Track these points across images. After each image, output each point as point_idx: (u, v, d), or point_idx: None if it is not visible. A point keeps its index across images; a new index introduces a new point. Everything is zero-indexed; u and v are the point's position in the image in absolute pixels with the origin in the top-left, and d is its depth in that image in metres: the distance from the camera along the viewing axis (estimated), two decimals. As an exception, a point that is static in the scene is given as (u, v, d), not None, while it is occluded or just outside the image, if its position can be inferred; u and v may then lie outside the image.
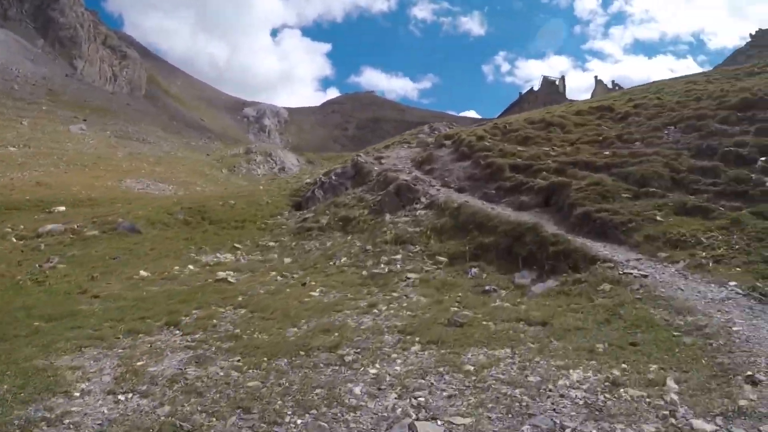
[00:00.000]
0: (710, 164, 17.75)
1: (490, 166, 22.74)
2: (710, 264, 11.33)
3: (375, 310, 11.25)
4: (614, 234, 14.54)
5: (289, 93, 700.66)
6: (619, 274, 11.21)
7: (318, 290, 13.68)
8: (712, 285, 10.06)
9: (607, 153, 20.91)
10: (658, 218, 14.64)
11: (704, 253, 11.97)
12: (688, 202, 15.35)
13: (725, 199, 15.81)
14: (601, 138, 23.26)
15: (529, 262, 13.89)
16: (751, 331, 7.67)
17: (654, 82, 39.62)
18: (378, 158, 31.17)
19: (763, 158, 17.38)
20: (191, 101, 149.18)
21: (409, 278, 13.90)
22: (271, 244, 21.99)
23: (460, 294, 12.09)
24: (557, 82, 43.86)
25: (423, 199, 21.26)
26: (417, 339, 9.02)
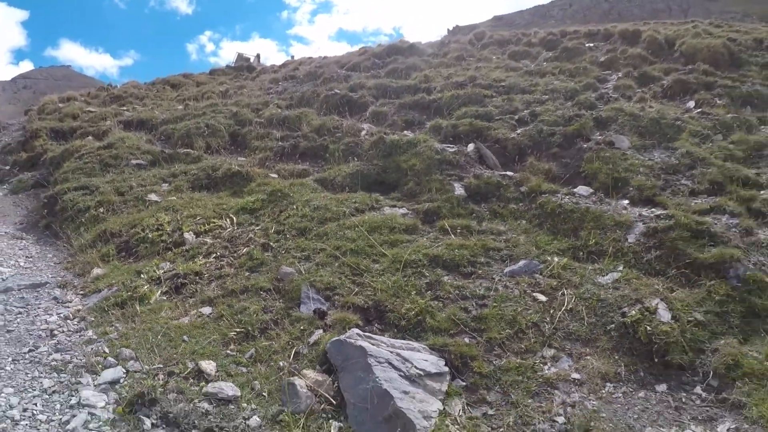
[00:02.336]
0: (296, 113, 11.42)
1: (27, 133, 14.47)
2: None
3: None
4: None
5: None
6: None
7: None
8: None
9: (179, 107, 13.89)
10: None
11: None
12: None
13: (285, 158, 9.50)
14: (203, 94, 16.37)
15: None
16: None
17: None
18: None
19: (378, 102, 11.56)
20: None
21: None
22: None
23: None
24: (252, 60, 38.84)
25: None
26: None
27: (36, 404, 4.11)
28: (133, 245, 7.50)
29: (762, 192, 7.69)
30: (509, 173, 7.84)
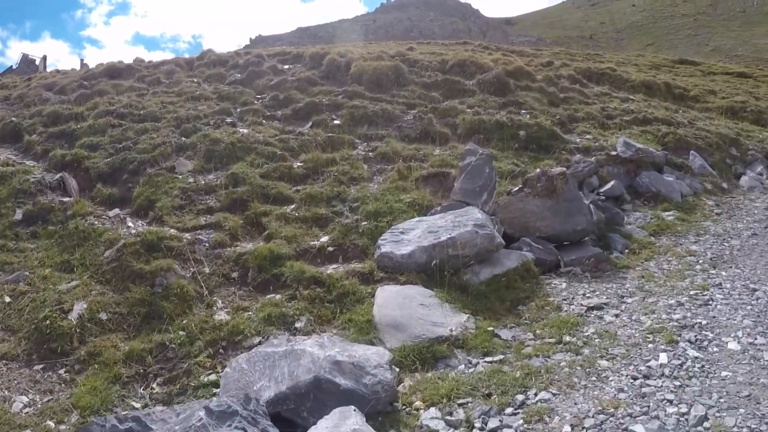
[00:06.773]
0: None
1: None
2: None
3: None
4: None
5: None
6: None
7: None
8: None
9: None
10: None
11: None
12: None
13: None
14: None
15: None
16: None
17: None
18: None
19: (38, 131, 12.95)
20: None
21: None
22: None
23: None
24: (37, 62, 38.64)
25: None
26: None
27: None
28: None
29: (286, 207, 8.60)
30: (65, 199, 9.16)
